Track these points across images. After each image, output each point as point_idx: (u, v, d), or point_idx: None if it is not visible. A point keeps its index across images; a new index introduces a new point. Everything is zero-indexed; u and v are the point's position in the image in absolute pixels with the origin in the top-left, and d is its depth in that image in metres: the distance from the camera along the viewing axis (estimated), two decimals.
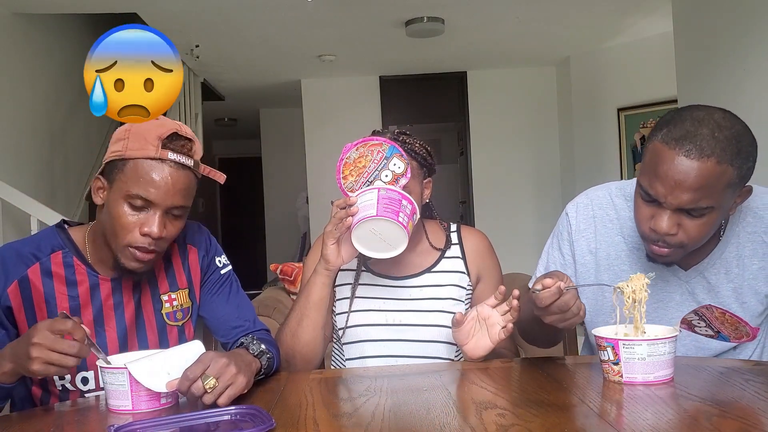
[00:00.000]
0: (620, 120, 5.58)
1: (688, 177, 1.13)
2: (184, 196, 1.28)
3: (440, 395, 1.14)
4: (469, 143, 6.47)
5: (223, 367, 1.11)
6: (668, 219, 1.18)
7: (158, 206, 1.24)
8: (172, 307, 1.40)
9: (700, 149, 1.13)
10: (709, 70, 3.44)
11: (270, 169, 8.20)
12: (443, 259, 1.58)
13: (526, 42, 5.47)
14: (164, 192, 1.24)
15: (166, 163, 1.24)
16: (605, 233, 1.42)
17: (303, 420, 1.01)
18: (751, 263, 1.32)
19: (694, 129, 1.15)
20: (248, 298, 1.51)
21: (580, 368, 1.31)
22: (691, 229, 1.20)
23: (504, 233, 5.41)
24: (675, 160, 1.14)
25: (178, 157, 1.25)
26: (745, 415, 0.96)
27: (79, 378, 1.31)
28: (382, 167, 1.37)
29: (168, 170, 1.24)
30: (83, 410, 1.20)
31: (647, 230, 1.23)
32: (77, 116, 5.36)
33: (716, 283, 1.33)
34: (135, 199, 1.24)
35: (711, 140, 1.14)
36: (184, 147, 1.27)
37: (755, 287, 1.33)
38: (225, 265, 1.49)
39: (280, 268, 3.01)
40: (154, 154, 1.23)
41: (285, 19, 4.60)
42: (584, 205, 1.46)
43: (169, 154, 1.24)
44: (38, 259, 1.30)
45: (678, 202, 1.16)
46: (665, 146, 1.16)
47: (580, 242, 1.44)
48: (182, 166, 1.26)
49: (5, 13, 4.16)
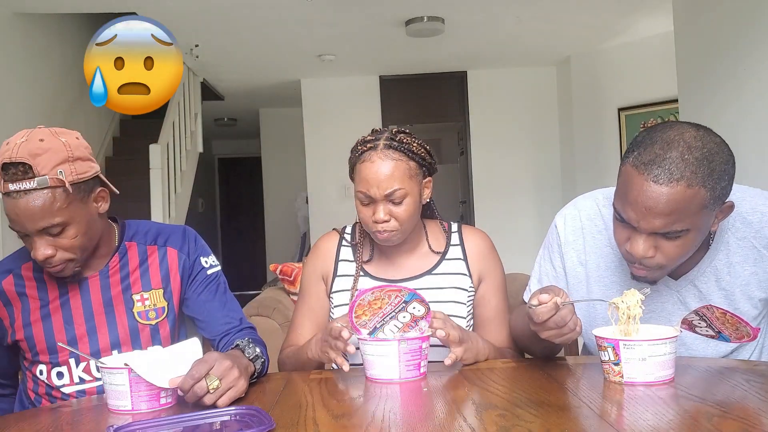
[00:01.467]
0: (621, 120, 5.58)
1: (659, 203, 1.11)
2: (49, 215, 1.26)
3: (440, 396, 1.13)
4: (469, 143, 6.47)
5: (227, 369, 1.12)
6: (644, 242, 1.17)
7: (30, 234, 1.27)
8: (144, 306, 1.43)
9: (669, 173, 1.10)
10: (709, 70, 3.44)
11: (270, 169, 8.20)
12: (444, 260, 1.57)
13: (526, 42, 5.47)
14: (24, 221, 1.26)
15: (11, 196, 1.25)
16: (594, 244, 1.41)
17: (303, 420, 1.01)
18: (742, 270, 1.30)
19: (663, 152, 1.12)
20: (235, 298, 1.53)
21: (580, 369, 1.31)
22: (669, 251, 1.18)
23: (504, 233, 5.40)
24: (644, 186, 1.12)
25: (17, 185, 1.24)
26: (745, 415, 0.96)
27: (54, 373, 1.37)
28: (400, 309, 1.30)
29: (14, 202, 1.25)
30: (82, 410, 1.19)
31: (624, 252, 1.22)
32: (77, 116, 5.36)
33: (707, 291, 1.32)
34: (15, 230, 1.29)
35: (680, 163, 1.10)
36: (17, 173, 1.24)
37: (748, 293, 1.31)
38: (212, 265, 1.50)
39: (279, 268, 3.00)
40: (3, 189, 1.25)
41: (285, 19, 4.60)
42: (572, 216, 1.44)
43: (10, 185, 1.24)
44: (11, 271, 1.40)
45: (651, 227, 1.14)
46: (635, 171, 1.14)
47: (570, 254, 1.43)
48: (27, 191, 1.24)
49: (5, 13, 4.16)
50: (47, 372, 1.38)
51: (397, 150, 1.47)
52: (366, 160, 1.47)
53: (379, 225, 1.46)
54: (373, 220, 1.47)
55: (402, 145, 1.47)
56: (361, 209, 1.50)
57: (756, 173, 3.01)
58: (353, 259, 1.59)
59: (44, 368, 1.39)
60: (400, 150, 1.47)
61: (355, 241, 1.61)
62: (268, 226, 8.31)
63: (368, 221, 1.48)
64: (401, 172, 1.46)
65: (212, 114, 7.77)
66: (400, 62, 5.97)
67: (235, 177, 9.97)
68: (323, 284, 1.59)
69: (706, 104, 3.42)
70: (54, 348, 1.37)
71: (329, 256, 1.60)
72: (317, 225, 6.39)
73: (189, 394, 1.09)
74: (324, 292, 1.59)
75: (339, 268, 1.58)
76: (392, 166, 1.45)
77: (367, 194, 1.46)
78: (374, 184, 1.45)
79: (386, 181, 1.44)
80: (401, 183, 1.45)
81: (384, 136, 1.49)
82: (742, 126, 3.15)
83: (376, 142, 1.49)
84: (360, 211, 1.50)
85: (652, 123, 5.26)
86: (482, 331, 1.54)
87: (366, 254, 1.58)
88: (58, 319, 1.38)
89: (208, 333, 1.47)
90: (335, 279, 1.58)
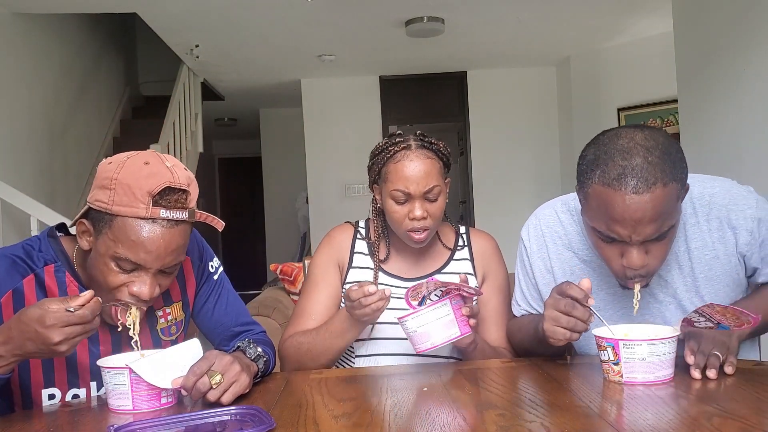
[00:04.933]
0: (620, 120, 5.58)
1: (646, 212, 1.12)
2: (179, 253, 1.17)
3: (440, 395, 1.14)
4: (469, 143, 6.47)
5: (228, 364, 1.12)
6: (638, 253, 1.18)
7: (149, 269, 1.14)
8: (167, 322, 1.35)
9: (645, 181, 1.11)
10: (709, 70, 3.44)
11: (270, 169, 8.20)
12: (452, 261, 1.61)
13: (526, 42, 5.47)
14: (155, 255, 1.13)
15: (157, 223, 1.12)
16: (556, 250, 1.43)
17: (303, 420, 1.01)
18: (702, 254, 1.32)
19: (627, 162, 1.12)
20: (240, 298, 1.48)
21: (580, 368, 1.31)
22: (659, 252, 1.20)
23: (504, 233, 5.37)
24: (625, 200, 1.11)
25: (171, 213, 1.12)
26: (745, 415, 0.96)
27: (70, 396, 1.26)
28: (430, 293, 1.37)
29: (160, 231, 1.12)
30: (83, 410, 1.19)
31: (620, 268, 1.22)
32: (77, 116, 5.36)
33: (671, 280, 1.34)
34: (123, 262, 1.13)
35: (648, 167, 1.11)
36: (179, 201, 1.14)
37: (711, 277, 1.33)
38: (217, 269, 1.44)
39: (280, 268, 3.00)
40: (144, 213, 1.11)
41: (285, 19, 4.60)
42: (534, 226, 1.48)
43: (162, 212, 1.11)
44: (33, 270, 1.22)
45: (643, 236, 1.15)
46: (609, 189, 1.13)
47: (537, 263, 1.46)
48: (176, 222, 1.14)
49: (5, 13, 4.16)
50: (61, 396, 1.24)
51: (429, 149, 1.52)
52: (403, 159, 1.49)
53: (416, 223, 1.48)
54: (410, 217, 1.49)
55: (432, 145, 1.53)
56: (395, 209, 1.50)
57: (756, 173, 3.01)
58: (368, 253, 1.60)
59: (57, 392, 1.25)
60: (432, 150, 1.52)
61: (370, 239, 1.62)
62: (268, 226, 8.32)
63: (402, 220, 1.50)
64: (436, 171, 1.51)
65: (212, 114, 7.78)
66: (400, 62, 5.97)
67: (235, 177, 9.97)
68: (339, 272, 1.60)
69: (706, 104, 3.42)
70: (75, 369, 1.25)
71: (344, 246, 1.61)
72: (317, 225, 6.39)
73: (193, 391, 1.09)
74: (339, 280, 1.59)
75: (354, 259, 1.60)
76: (429, 164, 1.49)
77: (406, 191, 1.48)
78: (414, 181, 1.47)
79: (425, 178, 1.48)
80: (437, 180, 1.50)
81: (412, 137, 1.53)
82: (742, 126, 3.15)
83: (407, 142, 1.52)
84: (394, 211, 1.50)
85: (653, 123, 5.26)
86: (479, 329, 1.54)
87: (383, 252, 1.60)
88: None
89: (216, 342, 1.44)
90: (350, 270, 1.59)
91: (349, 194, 6.40)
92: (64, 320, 1.03)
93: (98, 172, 1.18)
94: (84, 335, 1.06)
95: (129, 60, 7.01)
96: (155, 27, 4.67)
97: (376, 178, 1.56)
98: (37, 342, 1.04)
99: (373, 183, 1.59)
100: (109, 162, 1.17)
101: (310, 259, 1.71)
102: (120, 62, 6.71)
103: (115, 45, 6.53)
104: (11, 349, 1.06)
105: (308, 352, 1.47)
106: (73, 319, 1.04)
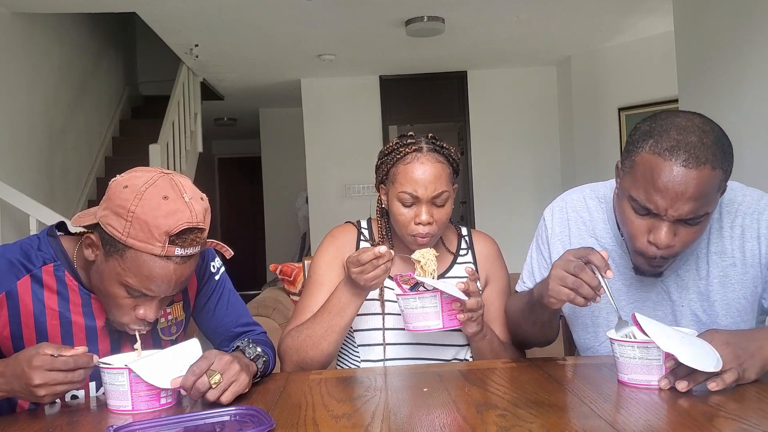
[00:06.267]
0: (621, 120, 5.58)
1: (689, 187, 1.12)
2: (187, 281, 1.19)
3: (440, 396, 1.13)
4: (469, 143, 6.47)
5: (227, 364, 1.12)
6: (667, 230, 1.17)
7: (156, 297, 1.17)
8: (167, 321, 1.35)
9: (696, 158, 1.11)
10: (709, 70, 3.44)
11: (270, 168, 8.20)
12: (456, 264, 1.60)
13: (526, 42, 5.47)
14: (165, 288, 1.15)
15: (171, 260, 1.12)
16: (578, 234, 1.43)
17: (303, 421, 1.01)
18: (720, 260, 1.32)
19: (683, 138, 1.13)
20: (241, 299, 1.48)
21: (580, 369, 1.31)
22: (687, 238, 1.19)
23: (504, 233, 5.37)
24: (673, 170, 1.12)
25: (185, 251, 1.13)
26: (745, 415, 0.95)
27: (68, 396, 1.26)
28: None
29: (173, 267, 1.13)
30: (82, 411, 1.19)
31: (644, 244, 1.21)
32: (76, 116, 5.36)
33: (688, 279, 1.33)
34: (132, 290, 1.15)
35: (702, 147, 1.12)
36: (195, 239, 1.14)
37: (725, 283, 1.31)
38: (218, 269, 1.43)
39: (279, 269, 3.00)
40: (160, 252, 1.11)
41: (285, 19, 4.60)
42: (559, 208, 1.48)
43: (177, 250, 1.12)
44: (29, 270, 1.20)
45: (679, 213, 1.15)
46: (659, 158, 1.14)
47: (556, 244, 1.46)
48: (189, 257, 1.15)
49: (5, 13, 4.16)
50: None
51: (440, 154, 1.49)
52: (413, 161, 1.47)
53: (422, 228, 1.46)
54: (416, 221, 1.47)
55: (444, 150, 1.50)
56: (402, 211, 1.48)
57: (756, 173, 3.01)
58: None
59: None
60: (443, 154, 1.49)
61: (374, 240, 1.60)
62: (268, 226, 8.32)
63: (408, 223, 1.48)
64: (446, 176, 1.48)
65: (212, 114, 7.78)
66: (400, 62, 5.97)
67: (235, 177, 9.97)
68: (343, 272, 1.54)
69: (706, 104, 3.42)
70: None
71: (348, 247, 1.58)
72: (317, 225, 6.39)
73: (192, 391, 1.09)
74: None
75: None
76: (439, 169, 1.47)
77: (414, 194, 1.46)
78: (423, 184, 1.45)
79: (434, 182, 1.45)
80: (446, 186, 1.47)
81: (423, 139, 1.51)
82: (742, 126, 3.15)
83: (419, 144, 1.49)
84: (400, 213, 1.48)
85: None
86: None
87: None
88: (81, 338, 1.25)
89: (216, 343, 1.43)
90: None
91: (349, 194, 6.41)
92: (48, 364, 1.05)
93: (112, 195, 1.14)
94: (66, 386, 1.07)
95: (128, 59, 7.01)
96: (155, 26, 4.67)
97: (384, 178, 1.54)
98: (20, 381, 1.06)
99: (380, 183, 1.57)
100: (125, 186, 1.13)
101: (310, 260, 1.70)
102: (119, 62, 6.71)
103: (114, 45, 6.53)
104: (2, 383, 1.09)
105: (308, 338, 1.44)
106: (57, 365, 1.05)
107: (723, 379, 1.04)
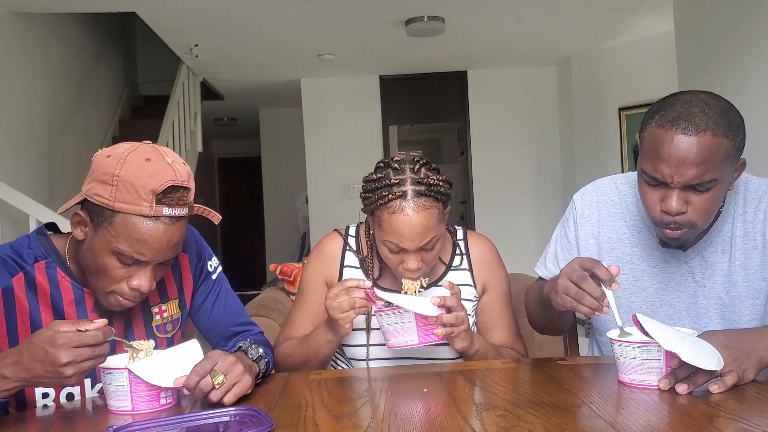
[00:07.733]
0: (621, 119, 5.58)
1: (690, 153, 1.18)
2: (178, 247, 1.19)
3: (440, 396, 1.13)
4: (469, 143, 6.47)
5: (231, 365, 1.12)
6: (677, 198, 1.22)
7: (150, 263, 1.17)
8: (162, 319, 1.34)
9: (696, 125, 1.19)
10: (709, 70, 3.44)
11: (270, 168, 8.20)
12: (450, 271, 1.55)
13: (526, 41, 5.47)
14: (157, 251, 1.15)
15: (160, 220, 1.13)
16: (608, 217, 1.47)
17: (303, 421, 1.01)
18: (743, 242, 1.36)
19: (685, 110, 1.21)
20: (238, 298, 1.48)
21: (580, 369, 1.30)
22: (699, 205, 1.23)
23: (504, 233, 5.40)
24: (674, 139, 1.19)
25: (173, 211, 1.14)
26: (745, 415, 0.95)
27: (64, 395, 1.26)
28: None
29: (162, 228, 1.14)
30: (82, 411, 1.19)
31: (658, 214, 1.26)
32: (76, 115, 5.36)
33: (713, 261, 1.37)
34: (125, 257, 1.15)
35: (703, 116, 1.20)
36: (181, 198, 1.15)
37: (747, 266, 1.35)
38: (215, 268, 1.43)
39: (279, 269, 3.00)
40: (148, 212, 1.12)
41: (284, 19, 4.60)
42: (590, 192, 1.53)
43: (165, 209, 1.13)
44: (23, 268, 1.21)
45: (684, 179, 1.20)
46: (662, 129, 1.21)
47: (584, 227, 1.49)
48: (177, 218, 1.16)
49: (4, 13, 4.16)
50: (55, 394, 1.24)
51: (428, 197, 1.37)
52: (397, 212, 1.36)
53: (410, 273, 1.41)
54: (404, 268, 1.41)
55: (430, 189, 1.37)
56: (388, 255, 1.42)
57: (756, 173, 3.01)
58: (359, 266, 1.55)
59: (51, 391, 1.24)
60: (430, 196, 1.37)
61: (362, 255, 1.56)
62: (268, 227, 8.31)
63: (395, 266, 1.43)
64: (435, 220, 1.38)
65: (212, 114, 7.78)
66: (400, 62, 5.97)
67: (235, 177, 9.97)
68: (326, 289, 1.52)
69: None
70: None
71: (334, 261, 1.56)
72: (317, 225, 6.39)
73: (195, 391, 1.09)
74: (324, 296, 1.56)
75: (344, 273, 1.54)
76: (426, 217, 1.36)
77: (400, 245, 1.38)
78: (408, 237, 1.36)
79: (422, 234, 1.36)
80: (435, 231, 1.38)
81: (409, 180, 1.38)
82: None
83: (402, 188, 1.37)
84: (387, 257, 1.43)
85: None
86: (485, 334, 1.55)
87: (376, 270, 1.54)
88: None
89: (213, 342, 1.43)
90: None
91: (349, 194, 6.40)
92: (75, 340, 1.03)
93: (96, 165, 1.17)
94: (93, 361, 1.05)
95: (128, 59, 7.01)
96: (154, 26, 4.66)
97: (369, 211, 1.45)
98: (45, 364, 1.03)
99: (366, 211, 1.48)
100: (108, 156, 1.16)
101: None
102: (119, 62, 6.71)
103: (114, 44, 6.53)
104: (18, 372, 1.05)
105: (291, 359, 1.48)
106: (85, 339, 1.03)
107: (724, 381, 1.05)
